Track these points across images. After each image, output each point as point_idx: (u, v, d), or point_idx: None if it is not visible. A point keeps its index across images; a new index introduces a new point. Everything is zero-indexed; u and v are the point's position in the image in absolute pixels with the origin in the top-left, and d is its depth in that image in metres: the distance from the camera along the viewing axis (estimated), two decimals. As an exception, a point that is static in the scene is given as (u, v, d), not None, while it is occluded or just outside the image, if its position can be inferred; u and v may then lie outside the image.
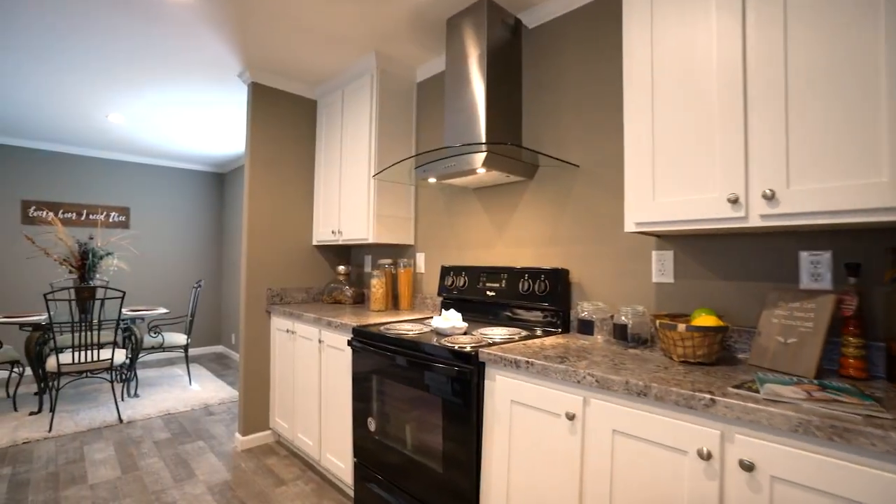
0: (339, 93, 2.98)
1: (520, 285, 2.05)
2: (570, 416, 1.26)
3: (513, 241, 2.27)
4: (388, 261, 2.80)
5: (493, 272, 2.21)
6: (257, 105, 2.98)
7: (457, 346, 1.61)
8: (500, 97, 2.10)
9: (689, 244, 1.64)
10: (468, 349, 1.57)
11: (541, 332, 1.92)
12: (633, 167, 1.47)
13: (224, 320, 5.98)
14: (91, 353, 3.32)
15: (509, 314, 2.13)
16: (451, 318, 1.89)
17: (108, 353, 3.45)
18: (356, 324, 2.13)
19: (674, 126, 1.37)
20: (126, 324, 3.90)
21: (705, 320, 1.34)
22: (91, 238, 3.95)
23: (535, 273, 2.03)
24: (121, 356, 3.53)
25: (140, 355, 4.07)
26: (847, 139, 1.05)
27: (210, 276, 6.01)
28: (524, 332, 1.88)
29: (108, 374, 3.54)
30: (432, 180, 2.24)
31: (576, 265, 1.99)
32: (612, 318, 1.74)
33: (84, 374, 3.35)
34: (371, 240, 2.64)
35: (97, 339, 3.36)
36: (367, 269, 3.25)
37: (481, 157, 1.90)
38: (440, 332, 1.88)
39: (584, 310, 1.78)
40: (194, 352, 5.84)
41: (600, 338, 1.74)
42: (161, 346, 4.11)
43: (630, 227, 1.48)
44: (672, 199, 1.37)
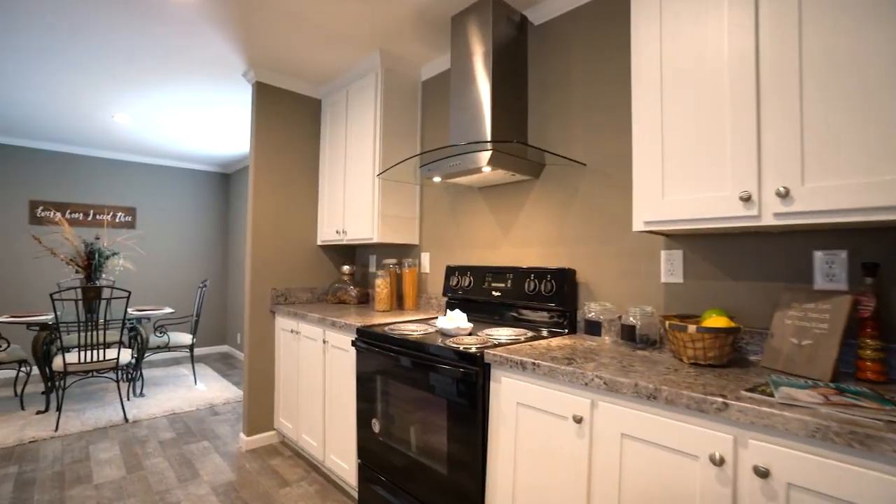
0: (343, 92, 2.96)
1: (526, 285, 2.03)
2: (578, 420, 1.24)
3: (518, 241, 2.24)
4: (393, 261, 2.78)
5: (498, 272, 2.18)
6: (262, 104, 2.97)
7: (462, 347, 1.58)
8: (505, 95, 2.07)
9: (699, 243, 1.60)
10: (473, 350, 1.54)
11: (547, 332, 1.90)
12: (642, 165, 1.44)
13: (229, 320, 6.00)
14: (97, 352, 3.33)
15: (515, 315, 2.11)
16: (456, 319, 1.86)
17: (113, 352, 3.46)
18: (360, 324, 2.11)
19: (683, 122, 1.34)
20: (132, 323, 3.91)
21: (716, 321, 1.31)
22: (97, 238, 3.97)
23: (541, 273, 2.00)
24: (126, 356, 3.54)
25: (146, 355, 4.08)
26: (866, 134, 1.01)
27: (215, 276, 6.02)
28: (530, 333, 1.86)
29: (114, 374, 3.55)
30: (437, 179, 2.22)
31: (582, 265, 1.96)
32: (620, 318, 1.71)
33: (90, 374, 3.37)
34: (376, 239, 2.62)
35: (103, 339, 3.37)
36: (372, 269, 3.23)
37: (487, 155, 1.87)
38: (445, 333, 1.85)
39: (591, 310, 1.75)
40: (200, 351, 5.86)
41: (608, 339, 1.71)
42: (167, 346, 4.12)
43: (638, 226, 1.45)
44: (682, 198, 1.34)
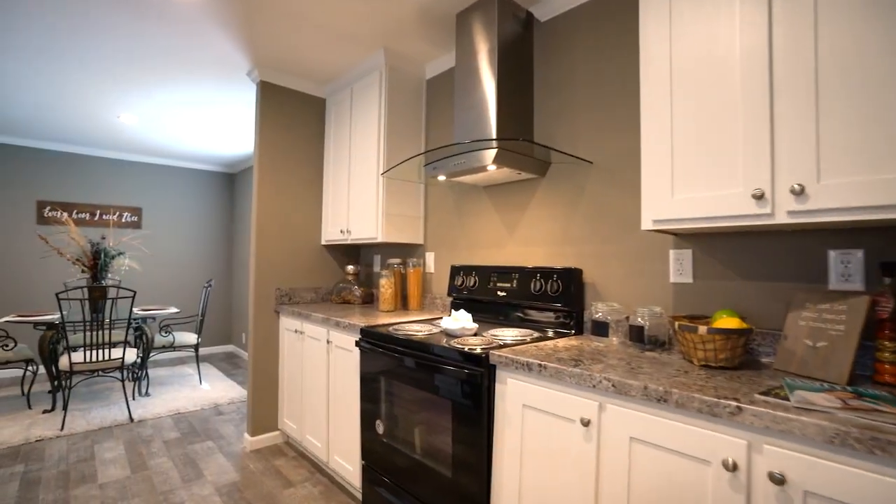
0: (347, 90, 2.95)
1: (531, 285, 2.00)
2: (585, 422, 1.21)
3: (524, 240, 2.21)
4: (398, 260, 2.76)
5: (504, 272, 2.16)
6: (266, 104, 2.96)
7: (466, 348, 1.56)
8: (510, 93, 2.05)
9: (709, 242, 1.57)
10: (478, 351, 1.52)
11: (553, 333, 1.87)
12: (651, 163, 1.41)
13: (234, 320, 6.01)
14: (103, 352, 3.34)
15: (520, 315, 2.08)
16: (460, 319, 1.84)
17: (119, 352, 3.47)
18: (364, 324, 2.10)
19: (693, 119, 1.31)
20: (137, 323, 3.92)
21: (727, 322, 1.28)
22: (103, 238, 3.97)
23: (547, 273, 1.97)
24: (132, 355, 3.54)
25: (151, 354, 4.09)
26: (888, 128, 0.98)
27: (220, 276, 6.04)
28: (536, 334, 1.83)
29: (120, 374, 3.55)
30: (442, 178, 2.19)
31: (589, 265, 1.93)
32: (628, 319, 1.68)
33: (96, 373, 3.37)
34: (380, 239, 2.61)
35: (108, 339, 3.38)
36: (377, 268, 3.21)
37: (492, 153, 1.85)
38: (450, 334, 1.83)
39: (598, 311, 1.72)
40: (205, 351, 5.87)
41: (615, 340, 1.68)
42: (172, 346, 4.13)
43: (647, 224, 1.42)
44: (692, 196, 1.31)
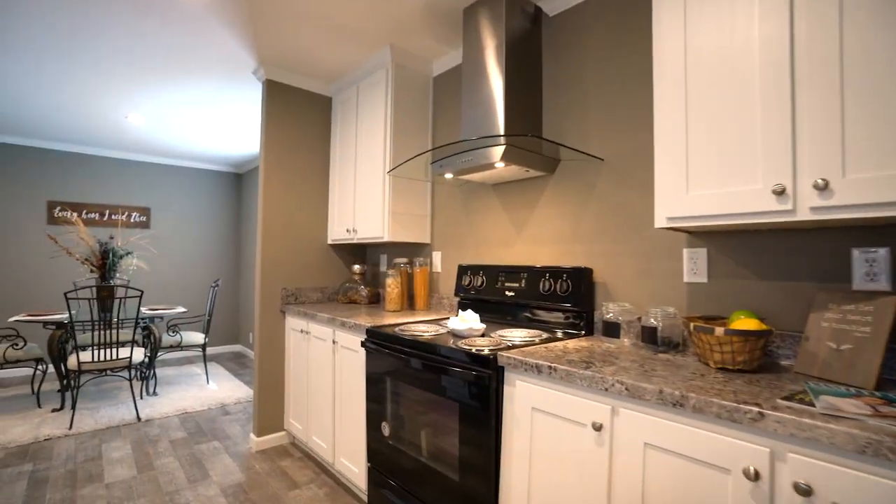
0: (353, 88, 2.92)
1: (540, 285, 1.96)
2: (597, 427, 1.17)
3: (533, 239, 2.17)
4: (404, 260, 2.73)
5: (512, 271, 2.12)
6: (272, 102, 2.94)
7: (474, 349, 1.52)
8: (519, 89, 2.01)
9: (725, 241, 1.52)
10: (486, 352, 1.48)
11: (562, 334, 1.82)
12: (664, 159, 1.36)
13: (242, 319, 6.02)
14: (110, 351, 3.35)
15: (529, 315, 2.04)
16: (468, 319, 1.80)
17: (127, 351, 3.47)
18: (370, 324, 2.07)
19: (709, 113, 1.26)
20: (145, 322, 3.93)
21: (745, 323, 1.23)
22: (111, 238, 3.99)
23: (556, 272, 1.93)
24: (139, 355, 3.55)
25: (159, 354, 4.10)
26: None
27: (228, 276, 6.05)
28: (545, 335, 1.79)
29: (127, 373, 3.56)
30: (449, 176, 2.16)
31: (600, 264, 1.89)
32: (640, 320, 1.63)
33: (104, 372, 3.38)
34: (386, 238, 2.58)
35: (116, 338, 3.38)
36: (383, 268, 3.19)
37: (500, 150, 1.81)
38: (457, 334, 1.80)
39: (609, 311, 1.68)
40: (212, 351, 5.89)
41: (627, 341, 1.63)
42: (179, 345, 4.14)
43: (661, 222, 1.37)
44: (708, 192, 1.26)
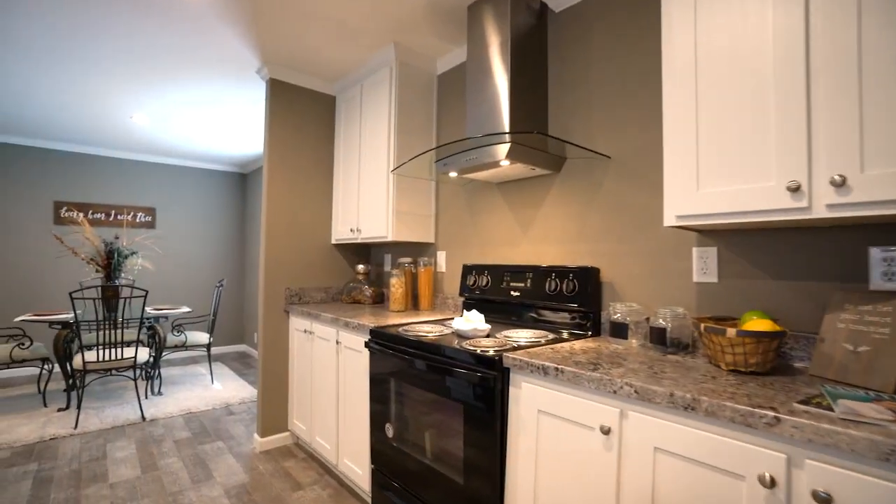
0: (357, 87, 2.90)
1: (546, 285, 1.93)
2: (605, 430, 1.14)
3: (538, 239, 2.14)
4: (408, 260, 2.71)
5: (517, 271, 2.09)
6: (275, 102, 2.93)
7: (479, 350, 1.50)
8: (524, 86, 1.98)
9: (736, 239, 1.48)
10: (491, 353, 1.46)
11: (568, 334, 1.80)
12: (674, 155, 1.33)
13: (247, 319, 6.02)
14: (115, 351, 3.35)
15: (534, 315, 2.01)
16: (473, 320, 1.78)
17: (131, 351, 3.48)
18: (374, 325, 2.05)
19: (720, 108, 1.23)
20: (150, 322, 3.93)
21: (758, 324, 1.19)
22: (116, 238, 4.00)
23: (562, 272, 1.90)
24: (144, 354, 3.55)
25: (163, 354, 4.11)
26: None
27: (233, 276, 6.06)
28: (551, 335, 1.76)
29: (132, 372, 3.57)
30: (453, 174, 2.13)
31: (607, 263, 1.86)
32: (648, 320, 1.60)
33: (109, 372, 3.39)
34: (390, 238, 2.56)
35: (121, 338, 3.39)
36: (387, 268, 3.17)
37: (505, 148, 1.78)
38: (461, 335, 1.77)
39: (616, 311, 1.64)
40: (217, 350, 5.90)
41: (635, 342, 1.60)
42: (184, 345, 4.14)
43: (670, 220, 1.34)
44: (719, 190, 1.22)
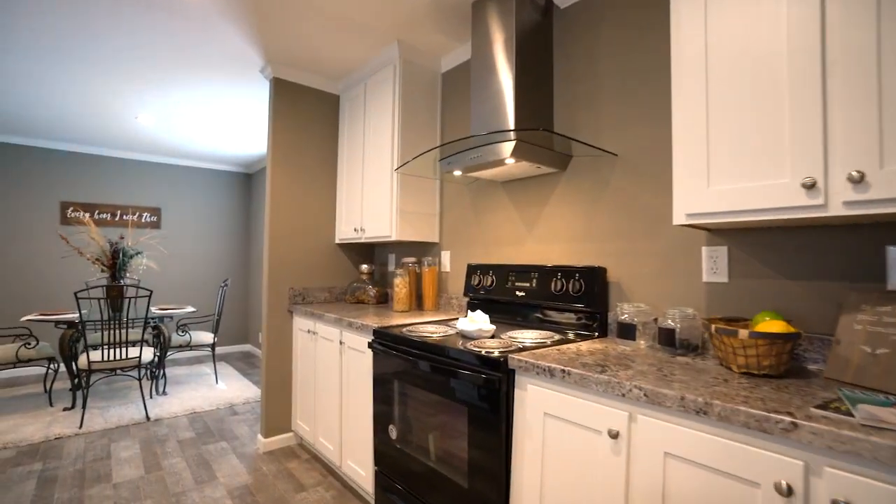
0: (361, 86, 2.88)
1: (552, 285, 1.90)
2: (614, 435, 1.11)
3: (544, 238, 2.11)
4: (413, 259, 2.69)
5: (522, 271, 2.06)
6: (279, 101, 2.92)
7: (483, 351, 1.47)
8: (529, 83, 1.95)
9: (747, 238, 1.45)
10: (496, 354, 1.43)
11: (574, 335, 1.76)
12: (683, 152, 1.30)
13: (251, 319, 6.02)
14: (120, 350, 3.35)
15: (540, 316, 1.98)
16: (477, 320, 1.75)
17: (136, 351, 3.48)
18: (377, 325, 2.02)
19: (731, 102, 1.19)
20: (155, 322, 3.93)
21: (772, 325, 1.16)
22: (121, 238, 4.00)
23: (568, 271, 1.87)
24: (149, 354, 3.55)
25: (168, 353, 4.11)
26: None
27: (237, 276, 6.06)
28: (557, 336, 1.73)
29: (137, 372, 3.57)
30: (457, 173, 2.11)
31: (613, 263, 1.82)
32: (657, 321, 1.56)
33: (114, 372, 3.39)
34: (394, 237, 2.53)
35: (126, 337, 3.39)
36: (391, 267, 3.15)
37: (510, 146, 1.76)
38: (466, 335, 1.74)
39: (624, 312, 1.61)
40: (222, 350, 5.90)
41: (643, 343, 1.56)
42: (188, 345, 4.14)
43: (680, 219, 1.31)
44: (731, 187, 1.19)
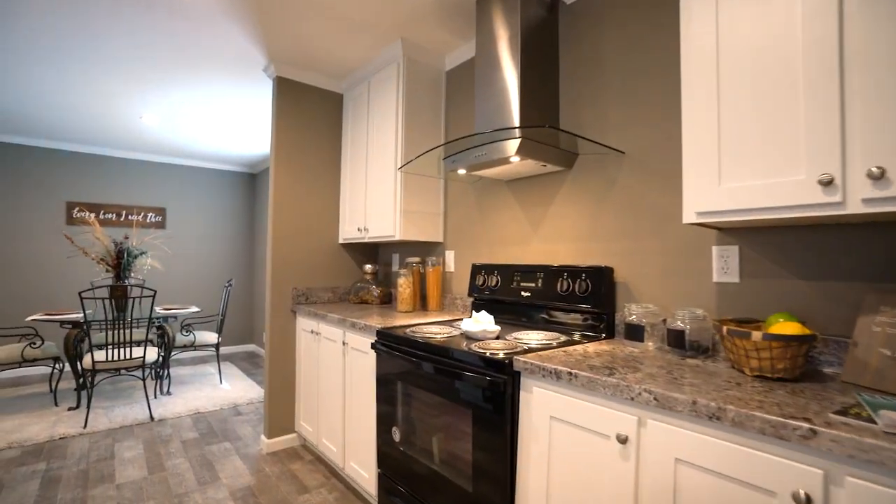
0: (365, 84, 2.86)
1: (558, 285, 1.87)
2: (622, 440, 1.08)
3: (549, 237, 2.08)
4: (416, 259, 2.66)
5: (527, 271, 2.03)
6: (282, 100, 2.90)
7: (488, 353, 1.44)
8: (534, 81, 1.92)
9: (759, 237, 1.41)
10: (501, 356, 1.40)
11: (580, 336, 1.73)
12: (693, 149, 1.26)
13: (255, 319, 6.03)
14: (124, 350, 3.35)
15: (546, 317, 1.95)
16: (482, 321, 1.72)
17: (140, 350, 3.48)
18: (380, 325, 2.00)
19: (743, 97, 1.16)
20: (159, 322, 3.93)
21: (786, 327, 1.12)
22: (126, 238, 4.01)
23: (574, 271, 1.84)
24: (153, 354, 3.55)
25: (172, 353, 4.11)
26: None
27: (242, 275, 6.07)
28: (563, 337, 1.70)
29: (141, 372, 3.57)
30: (462, 172, 2.08)
31: (621, 262, 1.79)
32: (665, 322, 1.53)
33: (119, 372, 3.39)
34: (398, 237, 2.51)
35: (130, 337, 3.39)
36: (395, 267, 3.12)
37: (515, 143, 1.73)
38: (470, 336, 1.72)
39: (631, 312, 1.58)
40: (226, 350, 5.91)
41: (651, 345, 1.53)
42: (193, 345, 4.14)
43: (690, 217, 1.27)
44: (743, 184, 1.15)
